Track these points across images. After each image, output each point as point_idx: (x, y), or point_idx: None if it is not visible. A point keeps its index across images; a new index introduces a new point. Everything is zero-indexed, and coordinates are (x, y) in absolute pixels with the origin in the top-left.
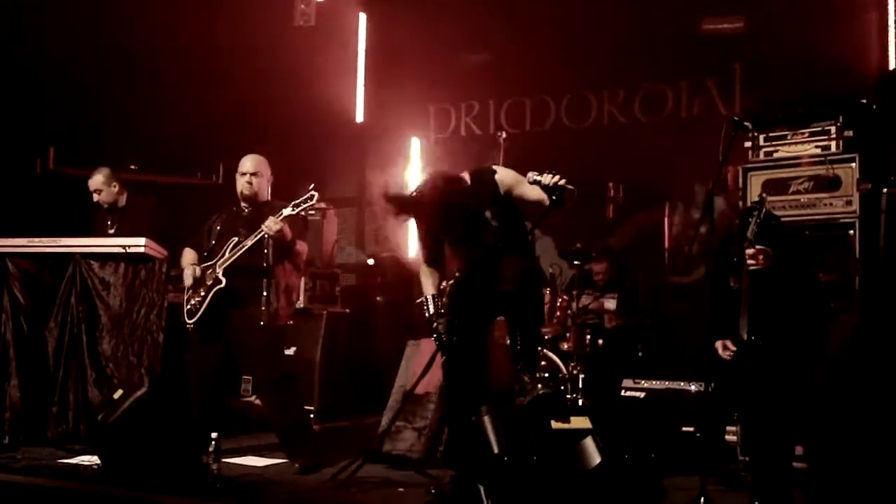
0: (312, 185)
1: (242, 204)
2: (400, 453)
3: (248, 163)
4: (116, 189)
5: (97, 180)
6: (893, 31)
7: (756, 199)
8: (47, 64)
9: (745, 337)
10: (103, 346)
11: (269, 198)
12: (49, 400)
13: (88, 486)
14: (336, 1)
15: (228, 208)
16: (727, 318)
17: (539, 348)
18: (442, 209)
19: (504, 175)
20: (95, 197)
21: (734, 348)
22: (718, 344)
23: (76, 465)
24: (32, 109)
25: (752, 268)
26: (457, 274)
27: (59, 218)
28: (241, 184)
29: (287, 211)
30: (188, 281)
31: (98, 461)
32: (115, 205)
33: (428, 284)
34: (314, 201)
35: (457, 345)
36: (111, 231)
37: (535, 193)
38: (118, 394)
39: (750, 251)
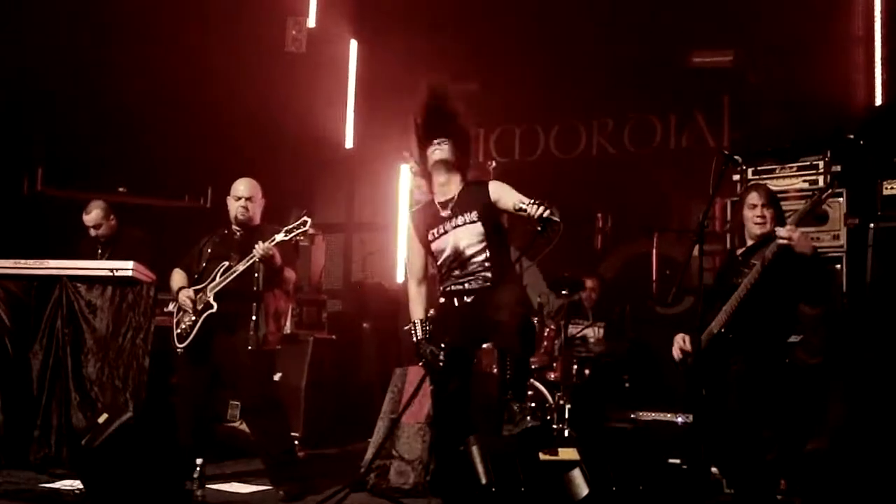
0: (305, 211)
1: (234, 227)
2: (388, 485)
3: (242, 187)
4: (113, 222)
5: (96, 215)
6: (880, 66)
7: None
8: (36, 84)
9: (717, 330)
10: (88, 370)
11: (259, 222)
12: (32, 423)
13: None
14: (327, 28)
15: (220, 231)
16: (702, 317)
17: (528, 378)
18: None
19: (496, 186)
20: (94, 232)
21: (689, 347)
22: (679, 337)
23: (58, 490)
24: (20, 129)
25: (783, 246)
26: (442, 300)
27: (47, 239)
28: (236, 208)
29: (280, 237)
30: (188, 305)
31: (81, 486)
32: (108, 236)
33: (416, 309)
34: (307, 227)
35: (443, 372)
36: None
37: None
38: (103, 418)
39: (786, 231)
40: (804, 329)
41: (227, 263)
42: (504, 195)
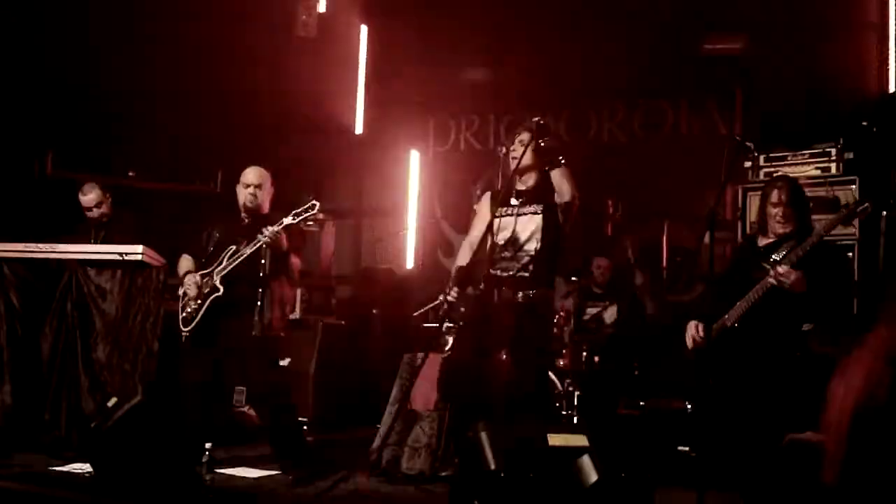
0: (312, 196)
1: (243, 214)
2: (398, 471)
3: (252, 175)
4: (110, 201)
5: (96, 196)
6: (894, 52)
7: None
8: (47, 68)
9: (731, 323)
10: (98, 354)
11: (269, 210)
12: (42, 406)
13: (80, 495)
14: (338, 13)
15: (228, 217)
16: (715, 305)
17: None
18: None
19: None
20: (96, 212)
21: (702, 336)
22: (692, 324)
23: (69, 473)
24: (32, 113)
25: (776, 285)
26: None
27: (57, 223)
28: (245, 195)
29: (288, 220)
30: (192, 290)
31: (91, 469)
32: (103, 218)
33: (463, 257)
34: (315, 211)
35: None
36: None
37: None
38: (112, 402)
39: (783, 270)
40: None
41: (233, 248)
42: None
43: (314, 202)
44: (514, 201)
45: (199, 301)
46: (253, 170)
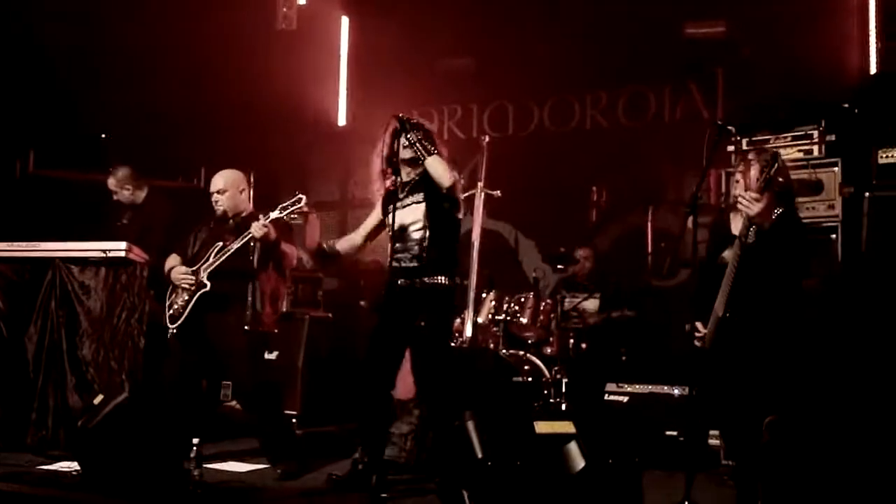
0: (298, 191)
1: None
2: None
3: (215, 181)
4: (135, 186)
5: (114, 180)
6: (874, 35)
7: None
8: (27, 66)
9: (721, 313)
10: (83, 352)
11: (252, 208)
12: (28, 406)
13: (68, 493)
14: (318, 4)
15: (215, 217)
16: (709, 298)
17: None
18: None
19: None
20: (121, 196)
21: (703, 331)
22: (699, 325)
23: (55, 472)
24: (12, 111)
25: (744, 211)
26: None
27: (39, 221)
28: (213, 202)
29: (274, 214)
30: (186, 281)
31: (78, 467)
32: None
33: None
34: (301, 205)
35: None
36: (124, 222)
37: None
38: (98, 399)
39: (753, 195)
40: None
41: (220, 244)
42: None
43: (301, 196)
44: (400, 194)
45: (187, 297)
46: (218, 175)
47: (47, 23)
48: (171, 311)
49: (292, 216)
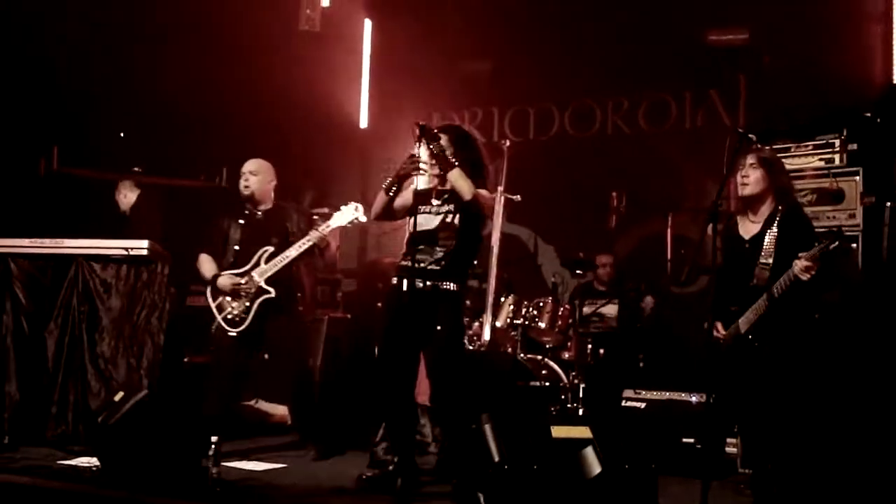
0: (352, 202)
1: (248, 205)
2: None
3: (248, 163)
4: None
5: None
6: None
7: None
8: (52, 64)
9: (743, 331)
10: (103, 348)
11: (274, 201)
12: (49, 400)
13: (87, 488)
14: (341, 7)
15: (236, 212)
16: (727, 297)
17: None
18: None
19: None
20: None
21: (723, 333)
22: (719, 325)
23: (75, 467)
24: (37, 109)
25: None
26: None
27: (63, 219)
28: (241, 184)
29: (334, 222)
30: (244, 289)
31: (97, 463)
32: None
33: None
34: (359, 213)
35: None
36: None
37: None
38: (119, 396)
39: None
40: None
41: (270, 249)
42: None
43: (357, 204)
44: (435, 201)
45: (248, 303)
46: (253, 160)
47: (72, 23)
48: (231, 317)
49: (349, 224)
